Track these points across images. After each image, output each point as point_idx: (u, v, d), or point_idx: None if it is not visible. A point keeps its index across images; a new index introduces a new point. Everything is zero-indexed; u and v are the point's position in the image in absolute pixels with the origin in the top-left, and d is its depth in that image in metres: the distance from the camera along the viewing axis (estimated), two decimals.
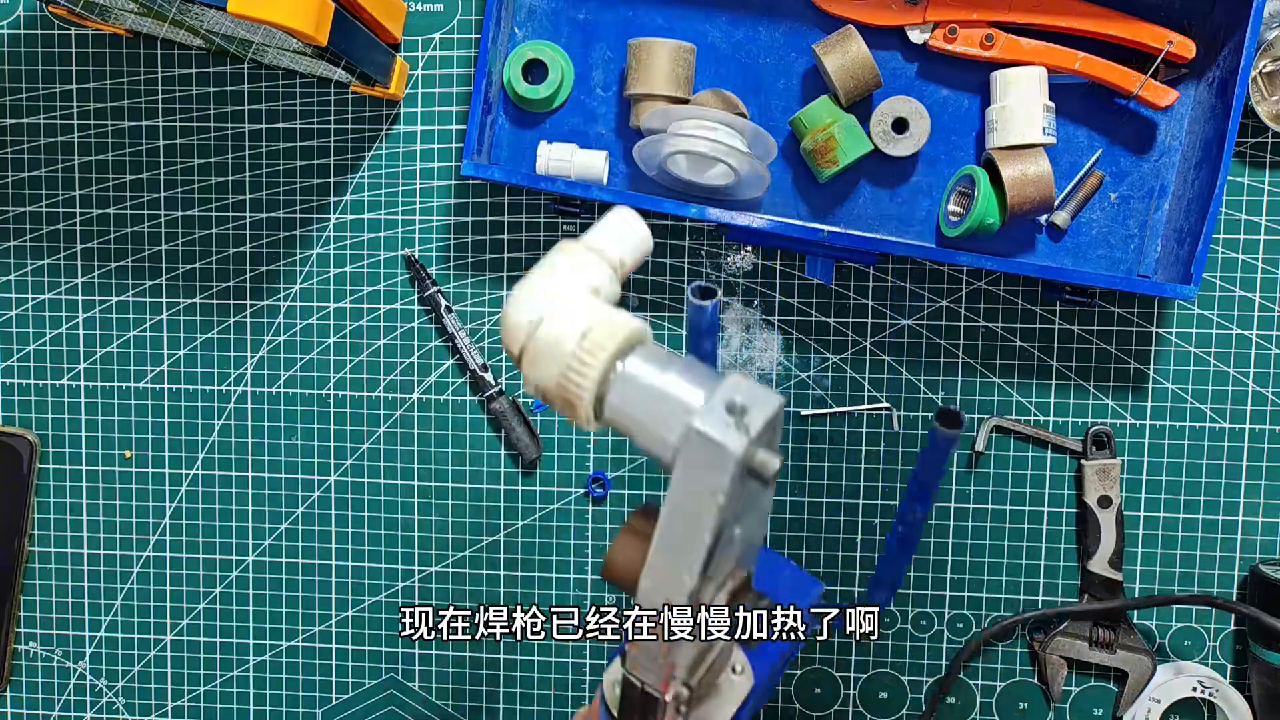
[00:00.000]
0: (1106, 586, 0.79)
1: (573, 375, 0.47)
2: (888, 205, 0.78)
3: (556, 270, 0.49)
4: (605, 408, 0.47)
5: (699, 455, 0.45)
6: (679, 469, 0.46)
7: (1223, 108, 0.71)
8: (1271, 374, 0.78)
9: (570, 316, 0.47)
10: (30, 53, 0.83)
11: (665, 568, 0.48)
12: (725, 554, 0.50)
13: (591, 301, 0.48)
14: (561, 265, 0.49)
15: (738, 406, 0.44)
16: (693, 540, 0.47)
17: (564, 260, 0.50)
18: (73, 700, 0.87)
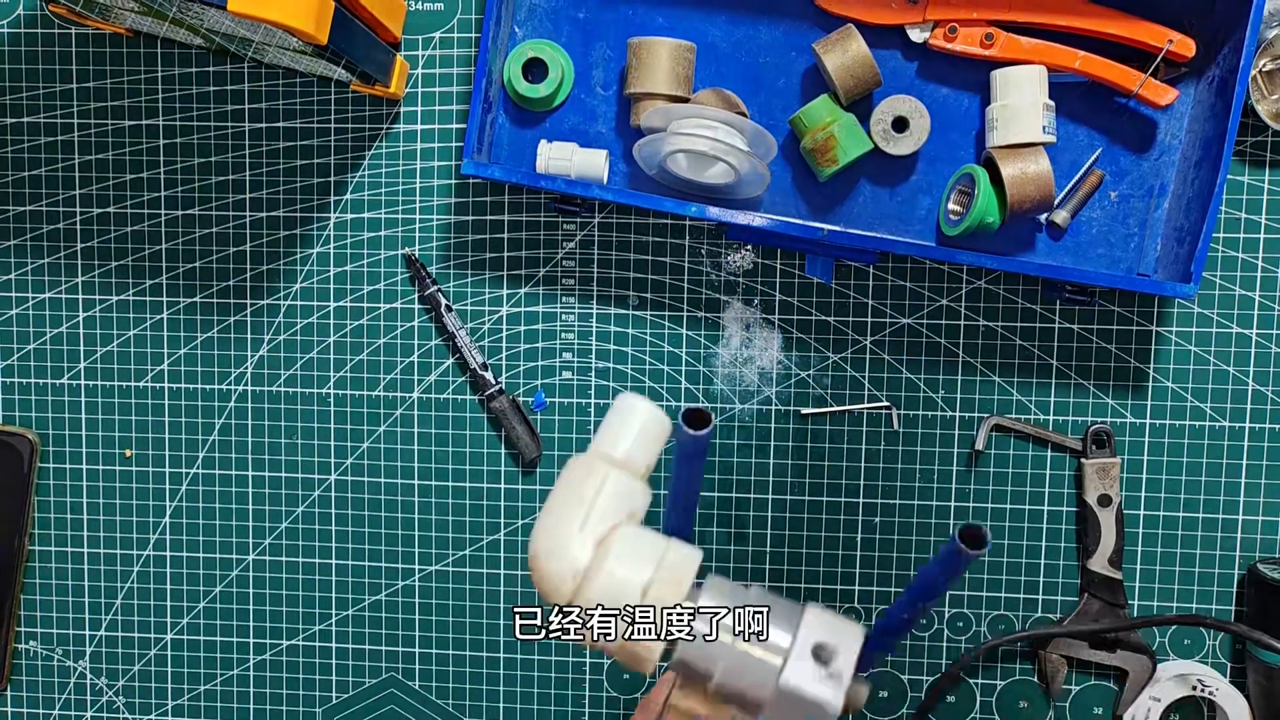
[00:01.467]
0: (1106, 585, 0.79)
1: (643, 630, 0.43)
2: (888, 204, 0.78)
3: (587, 503, 0.44)
4: (675, 656, 0.43)
5: (793, 712, 0.42)
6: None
7: (1223, 106, 0.71)
8: (1271, 373, 0.78)
9: (627, 564, 0.42)
10: (30, 52, 0.83)
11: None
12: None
13: (638, 535, 0.43)
14: (589, 494, 0.44)
15: (826, 650, 0.42)
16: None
17: (588, 488, 0.44)
18: (73, 700, 0.87)
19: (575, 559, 0.43)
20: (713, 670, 0.43)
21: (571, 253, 0.81)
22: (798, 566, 0.82)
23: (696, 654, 0.43)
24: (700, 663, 0.43)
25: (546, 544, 0.43)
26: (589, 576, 0.43)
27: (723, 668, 0.42)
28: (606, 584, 0.42)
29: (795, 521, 0.82)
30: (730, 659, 0.42)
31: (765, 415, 0.81)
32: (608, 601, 0.42)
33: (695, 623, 0.42)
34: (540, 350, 0.82)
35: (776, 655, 0.42)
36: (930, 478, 0.81)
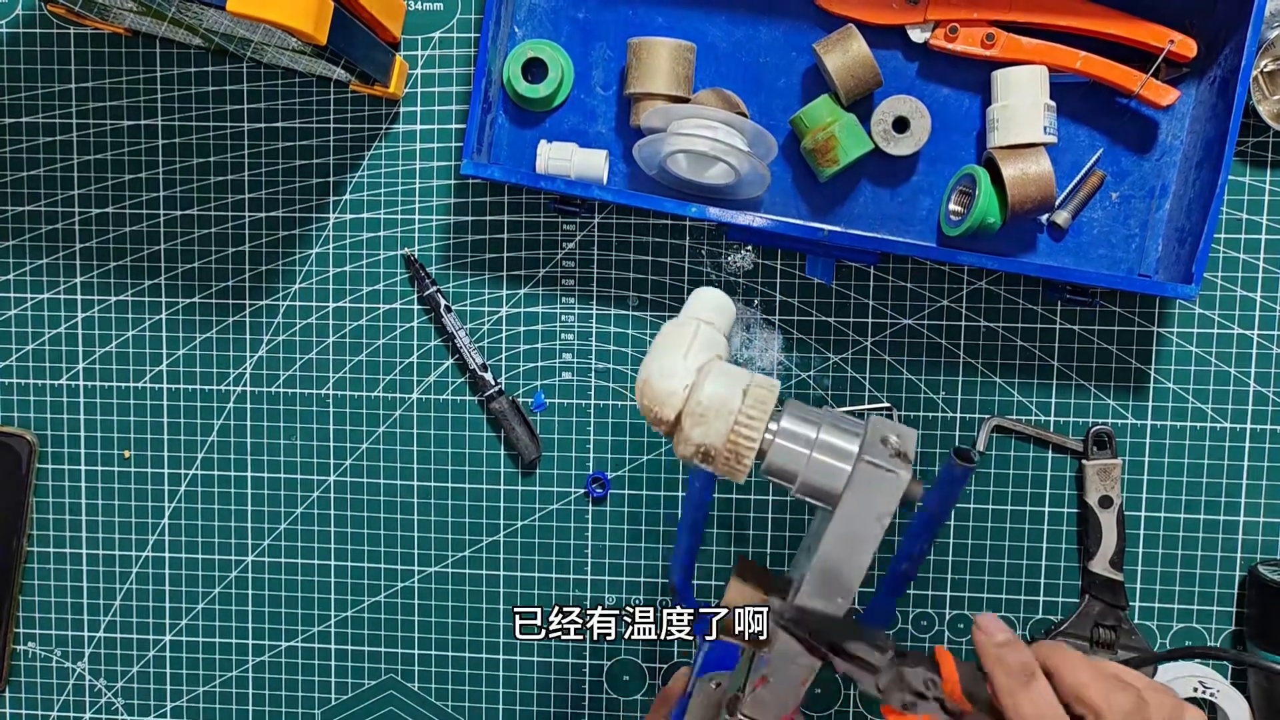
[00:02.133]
0: (1107, 587, 0.79)
1: (743, 430, 0.51)
2: (888, 205, 0.78)
3: (687, 342, 0.53)
4: (766, 459, 0.52)
5: (870, 485, 0.51)
6: (848, 500, 0.51)
7: (1224, 107, 0.71)
8: (1272, 374, 0.78)
9: (726, 379, 0.52)
10: (30, 52, 0.83)
11: (822, 593, 0.53)
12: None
13: (729, 366, 0.53)
14: (687, 336, 0.54)
15: (892, 442, 0.52)
16: (855, 562, 0.52)
17: (685, 332, 0.54)
18: (72, 700, 0.87)
19: (683, 378, 0.52)
20: (797, 470, 0.52)
21: (571, 253, 0.81)
22: None
23: (781, 459, 0.52)
24: (788, 465, 0.52)
25: (657, 367, 0.52)
26: (692, 392, 0.51)
27: (805, 466, 0.52)
28: (709, 397, 0.51)
29: (795, 523, 0.82)
30: (811, 461, 0.52)
31: None
32: (709, 414, 0.51)
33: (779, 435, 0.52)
34: (540, 350, 0.82)
35: (849, 457, 0.52)
36: (930, 478, 0.80)
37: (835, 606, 0.52)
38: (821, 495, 0.52)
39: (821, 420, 0.53)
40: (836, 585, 0.52)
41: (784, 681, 0.55)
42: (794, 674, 0.55)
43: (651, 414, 0.52)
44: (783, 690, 0.55)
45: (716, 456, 0.51)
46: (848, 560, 0.52)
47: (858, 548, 0.51)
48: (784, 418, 0.52)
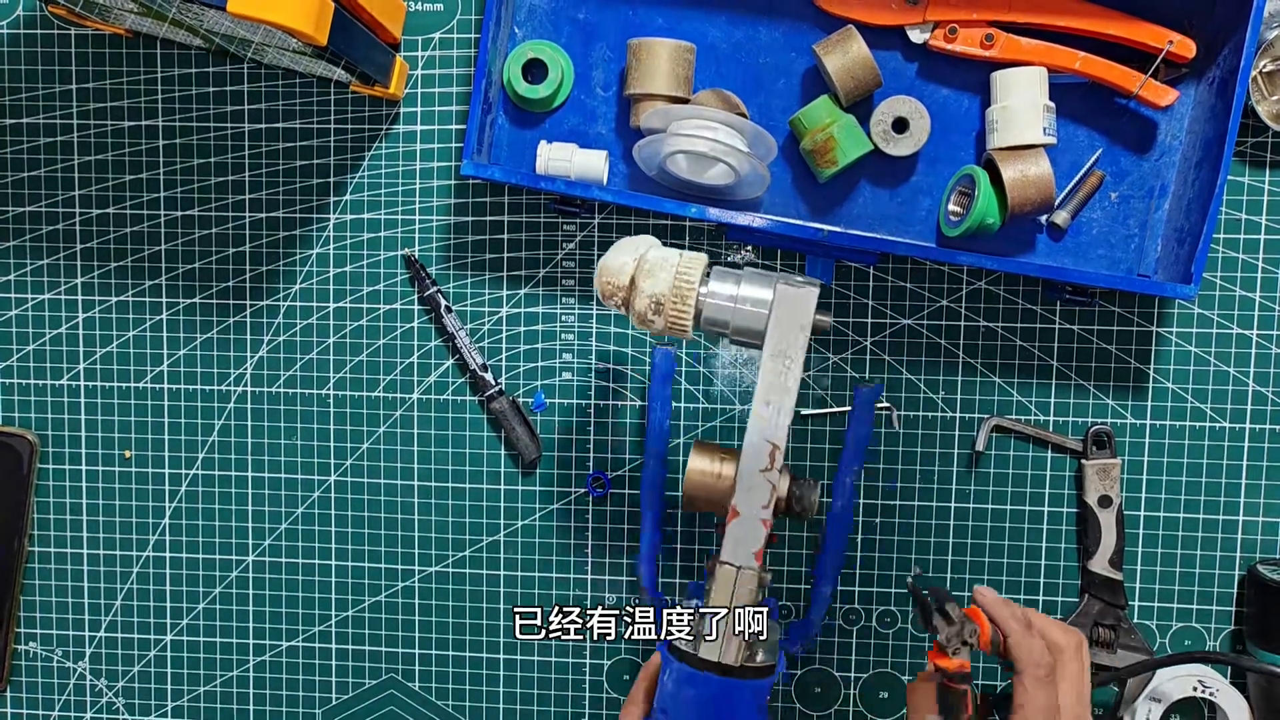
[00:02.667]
0: (1107, 586, 0.79)
1: (683, 276, 0.62)
2: (888, 205, 0.78)
3: (630, 242, 0.65)
4: (702, 316, 0.63)
5: (790, 301, 0.62)
6: (773, 320, 0.62)
7: (1223, 107, 0.71)
8: (1271, 374, 0.78)
9: (664, 250, 0.65)
10: (30, 53, 0.83)
11: (767, 415, 0.63)
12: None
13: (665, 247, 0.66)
14: (629, 241, 0.66)
15: (803, 279, 0.63)
16: (789, 378, 0.62)
17: (627, 239, 0.66)
18: (73, 700, 0.87)
19: (631, 255, 0.64)
20: (727, 319, 0.63)
21: (571, 254, 0.81)
22: (798, 568, 0.82)
23: (713, 313, 0.63)
24: (719, 316, 0.64)
25: (612, 254, 0.64)
26: (640, 260, 0.63)
27: (733, 315, 0.63)
28: (654, 259, 0.63)
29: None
30: (737, 310, 0.64)
31: None
32: (655, 269, 0.63)
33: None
34: (540, 351, 0.82)
35: (766, 301, 0.64)
36: (930, 478, 0.81)
37: (779, 429, 0.62)
38: (751, 336, 0.63)
39: (740, 275, 0.63)
40: (779, 406, 0.62)
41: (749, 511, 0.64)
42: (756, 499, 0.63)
43: (608, 285, 0.63)
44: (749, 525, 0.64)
45: (665, 304, 0.62)
46: (783, 377, 0.62)
47: (791, 361, 0.62)
48: (711, 280, 0.63)
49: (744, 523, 0.63)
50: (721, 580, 0.63)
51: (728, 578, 0.63)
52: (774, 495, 0.63)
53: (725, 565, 0.63)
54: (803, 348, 0.62)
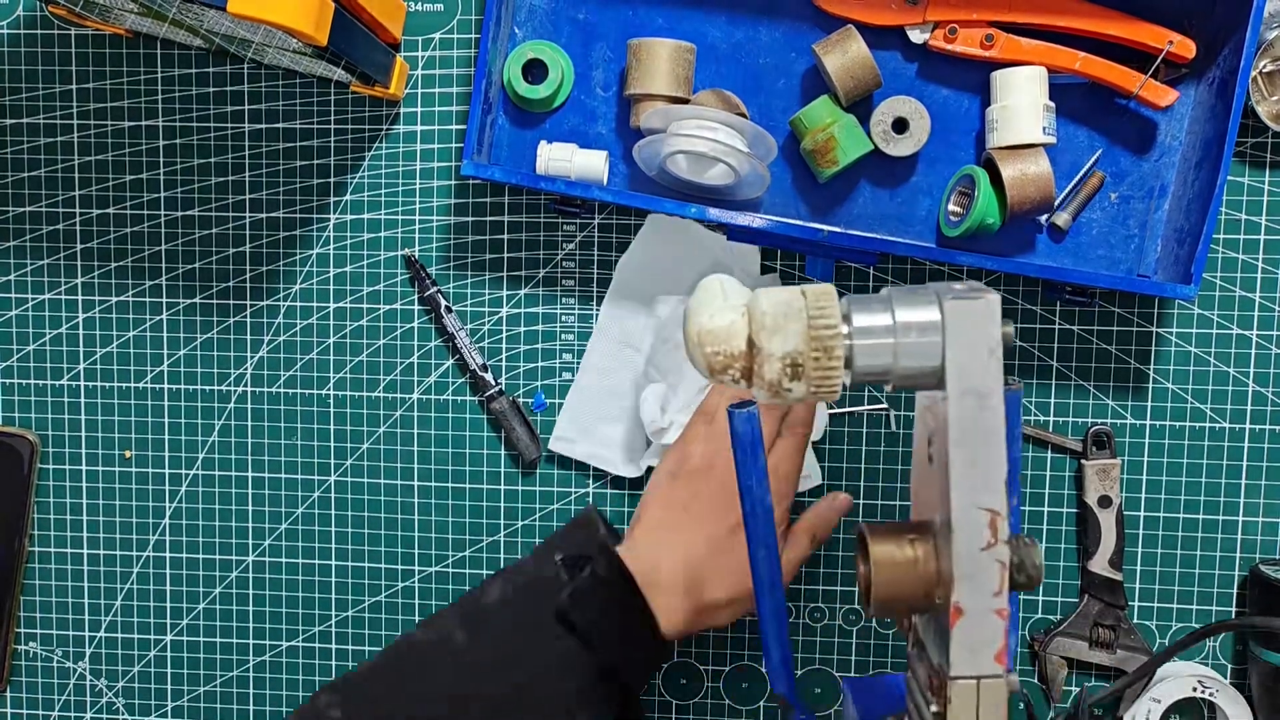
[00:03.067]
0: (1107, 587, 0.79)
1: (821, 321, 0.47)
2: (888, 205, 0.78)
3: (719, 288, 0.50)
4: (853, 365, 0.48)
5: (967, 322, 0.47)
6: (953, 352, 0.47)
7: (1223, 108, 0.71)
8: (1271, 374, 0.78)
9: (777, 291, 0.48)
10: (30, 53, 0.83)
11: (977, 476, 0.47)
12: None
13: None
14: (715, 286, 0.51)
15: (957, 286, 0.48)
16: (991, 416, 0.47)
17: (712, 283, 0.51)
18: (73, 700, 0.87)
19: (734, 309, 0.49)
20: (888, 363, 0.48)
21: (571, 254, 0.81)
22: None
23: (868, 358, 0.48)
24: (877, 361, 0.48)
25: (706, 315, 0.49)
26: (753, 312, 0.48)
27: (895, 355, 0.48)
28: (773, 306, 0.48)
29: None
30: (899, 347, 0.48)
31: None
32: (780, 319, 0.47)
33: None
34: (540, 351, 0.82)
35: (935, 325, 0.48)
36: None
37: (996, 489, 0.47)
38: (922, 377, 0.48)
39: (889, 300, 0.48)
40: (986, 452, 0.47)
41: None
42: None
43: (720, 357, 0.48)
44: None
45: (805, 364, 0.47)
46: (982, 419, 0.47)
47: (988, 397, 0.47)
48: (853, 315, 0.48)
49: (974, 620, 0.48)
50: (960, 702, 0.48)
51: (967, 696, 0.48)
52: (1005, 575, 0.48)
53: (961, 681, 0.48)
54: (999, 378, 0.47)
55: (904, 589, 0.50)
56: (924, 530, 0.50)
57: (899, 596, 0.50)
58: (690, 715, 0.84)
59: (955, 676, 0.48)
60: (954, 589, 0.47)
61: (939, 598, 0.49)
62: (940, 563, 0.49)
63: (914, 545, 0.50)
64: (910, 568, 0.49)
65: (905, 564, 0.50)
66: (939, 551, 0.49)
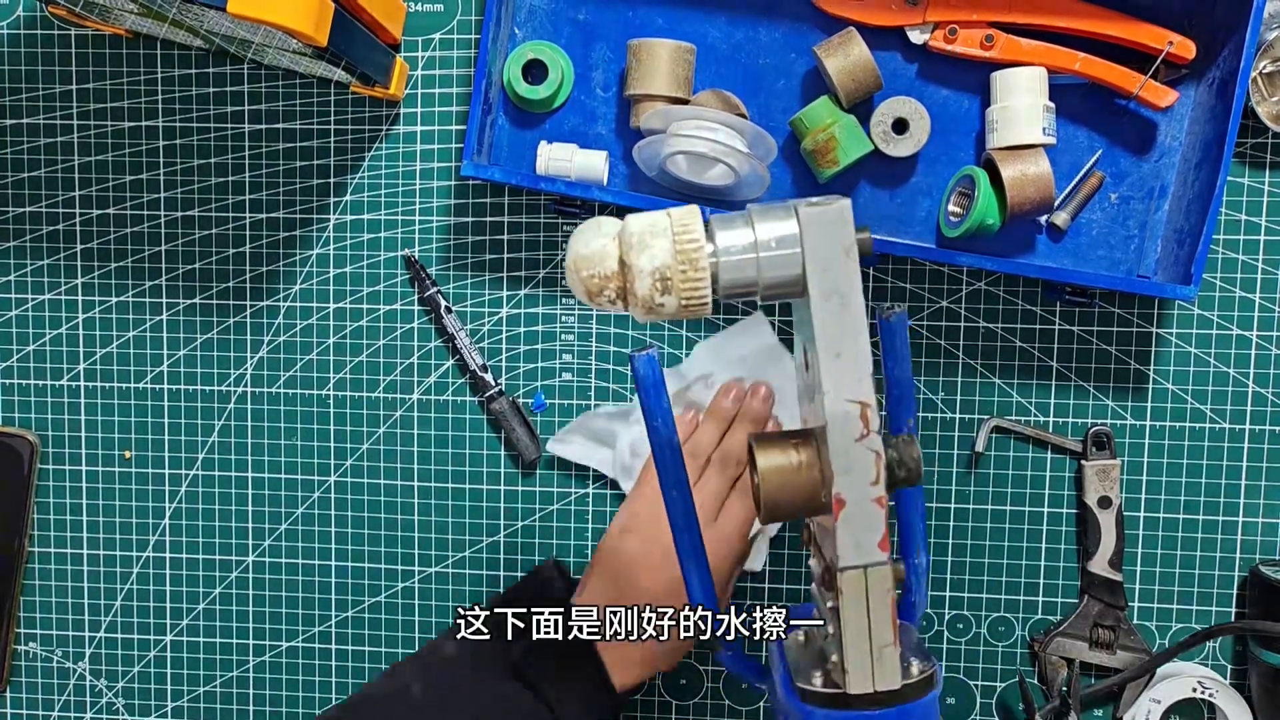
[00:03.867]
0: (1107, 587, 0.79)
1: (685, 237, 0.49)
2: (888, 205, 0.78)
3: (595, 221, 0.53)
4: (720, 280, 0.50)
5: (822, 227, 0.49)
6: (809, 255, 0.49)
7: (1223, 108, 0.71)
8: (1271, 374, 0.78)
9: (642, 216, 0.51)
10: (30, 53, 0.83)
11: (843, 368, 0.49)
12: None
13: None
14: (593, 221, 0.53)
15: (813, 199, 0.50)
16: (851, 316, 0.49)
17: (590, 220, 0.53)
18: (72, 700, 0.87)
19: (607, 234, 0.51)
20: (753, 276, 0.50)
21: None
22: (797, 568, 0.82)
23: (734, 273, 0.50)
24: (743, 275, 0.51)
25: (580, 242, 0.51)
26: (623, 235, 0.50)
27: (760, 268, 0.50)
28: (640, 226, 0.50)
29: (794, 524, 0.82)
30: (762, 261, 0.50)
31: None
32: (647, 236, 0.50)
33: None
34: (540, 351, 0.82)
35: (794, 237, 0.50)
36: (930, 478, 0.81)
37: (863, 385, 0.50)
38: (786, 286, 0.50)
39: (749, 217, 0.51)
40: (850, 347, 0.49)
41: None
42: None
43: (595, 279, 0.50)
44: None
45: (674, 278, 0.49)
46: (844, 318, 0.49)
47: (848, 295, 0.49)
48: (717, 233, 0.50)
49: (855, 511, 0.50)
50: (850, 590, 0.51)
51: (856, 584, 0.51)
52: (880, 464, 0.50)
53: (849, 571, 0.50)
54: (856, 275, 0.49)
55: (790, 493, 0.52)
56: (807, 436, 0.53)
57: (787, 500, 0.52)
58: (690, 715, 0.84)
59: (844, 568, 0.50)
60: (834, 483, 0.50)
61: (824, 497, 0.51)
62: (823, 464, 0.51)
63: (798, 450, 0.52)
64: (795, 472, 0.51)
65: (790, 469, 0.51)
66: (820, 453, 0.51)
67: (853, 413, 0.50)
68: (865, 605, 0.51)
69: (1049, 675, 0.80)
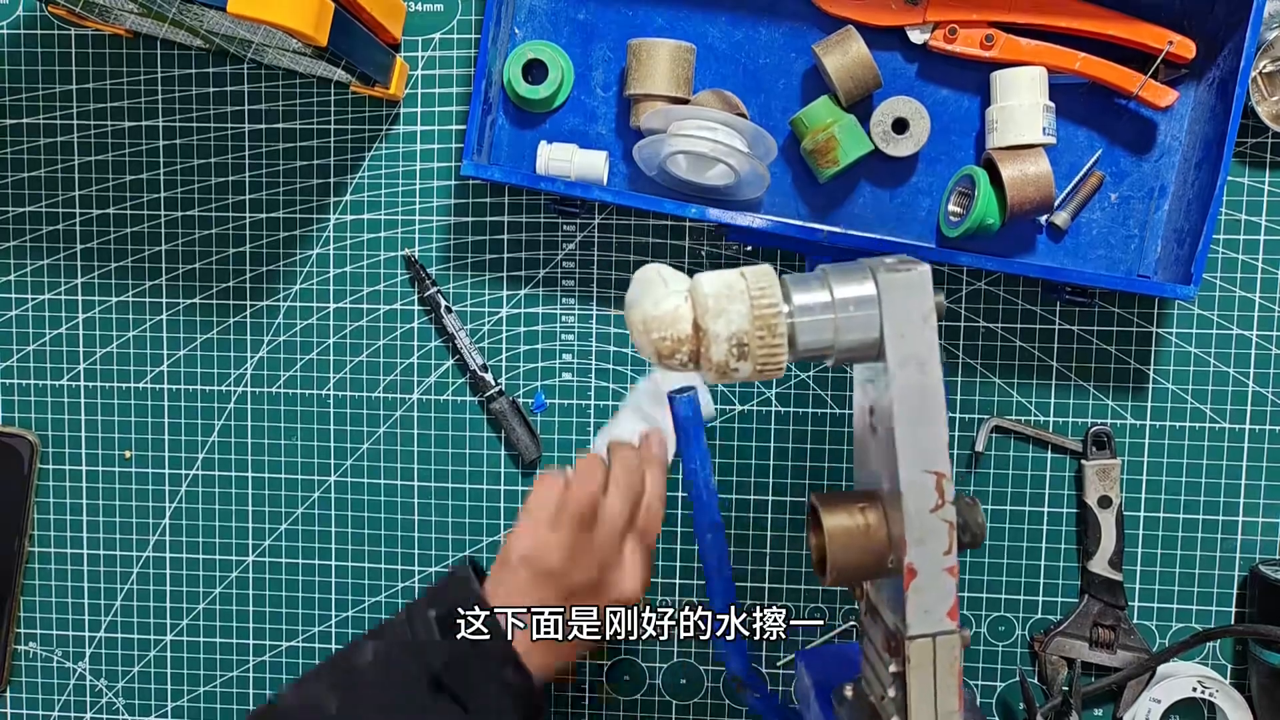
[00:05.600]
0: (1107, 587, 0.79)
1: (763, 301, 0.48)
2: (888, 205, 0.78)
3: (656, 275, 0.51)
4: (796, 342, 0.49)
5: (901, 293, 0.48)
6: (888, 321, 0.48)
7: (1223, 108, 0.71)
8: (1271, 374, 0.78)
9: (718, 275, 0.50)
10: (30, 53, 0.83)
11: (921, 438, 0.49)
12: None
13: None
14: (653, 274, 0.52)
15: (888, 260, 0.50)
16: (930, 384, 0.49)
17: (650, 272, 0.52)
18: (72, 700, 0.87)
19: (677, 294, 0.49)
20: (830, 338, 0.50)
21: (571, 254, 0.81)
22: (798, 568, 0.82)
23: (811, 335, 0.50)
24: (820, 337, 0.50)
25: (649, 302, 0.49)
26: (696, 297, 0.49)
27: (836, 330, 0.50)
28: (715, 289, 0.49)
29: (795, 523, 0.82)
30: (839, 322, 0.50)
31: (765, 416, 0.81)
32: (723, 301, 0.48)
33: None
34: (540, 351, 0.82)
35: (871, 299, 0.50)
36: None
37: (939, 447, 0.49)
38: (861, 350, 0.50)
39: (825, 277, 0.50)
40: (928, 416, 0.49)
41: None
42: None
43: (666, 342, 0.49)
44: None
45: (751, 343, 0.48)
46: (922, 385, 0.49)
47: (926, 363, 0.49)
48: (793, 294, 0.49)
49: (927, 581, 0.50)
50: (918, 659, 0.50)
51: (924, 653, 0.50)
52: (953, 534, 0.50)
53: (918, 640, 0.50)
54: (934, 342, 0.49)
55: (857, 556, 0.51)
56: (872, 499, 0.52)
57: (854, 564, 0.51)
58: (690, 715, 0.84)
59: (913, 636, 0.50)
60: (906, 551, 0.49)
61: (891, 562, 0.51)
62: (891, 528, 0.50)
63: (864, 513, 0.51)
64: (862, 535, 0.51)
65: (857, 531, 0.51)
66: (889, 518, 0.51)
67: (928, 484, 0.49)
68: (933, 673, 0.51)
69: (1049, 675, 0.80)
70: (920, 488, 0.49)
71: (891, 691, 0.52)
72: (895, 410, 0.49)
